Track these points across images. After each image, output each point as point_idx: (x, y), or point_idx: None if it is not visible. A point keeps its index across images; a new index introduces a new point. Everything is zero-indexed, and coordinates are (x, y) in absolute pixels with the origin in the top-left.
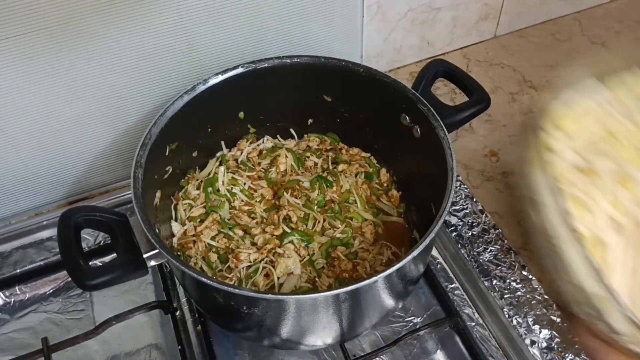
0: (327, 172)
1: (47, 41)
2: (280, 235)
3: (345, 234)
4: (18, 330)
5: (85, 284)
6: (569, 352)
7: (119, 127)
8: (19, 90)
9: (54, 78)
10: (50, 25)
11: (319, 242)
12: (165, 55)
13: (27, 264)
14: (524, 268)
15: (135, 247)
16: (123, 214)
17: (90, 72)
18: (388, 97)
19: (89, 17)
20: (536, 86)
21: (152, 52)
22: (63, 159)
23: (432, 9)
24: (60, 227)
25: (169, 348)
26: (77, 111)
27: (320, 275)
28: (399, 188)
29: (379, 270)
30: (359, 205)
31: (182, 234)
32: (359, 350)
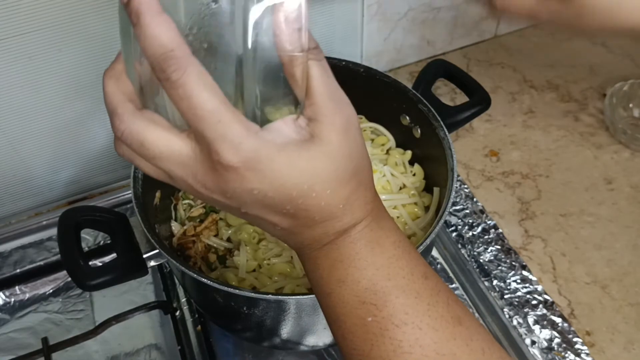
0: None
1: (47, 41)
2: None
3: None
4: (18, 330)
5: (85, 284)
6: (569, 352)
7: None
8: (19, 90)
9: (54, 78)
10: (50, 25)
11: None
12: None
13: (27, 264)
14: (524, 268)
15: (135, 247)
16: (123, 214)
17: (91, 72)
18: (388, 97)
19: (89, 17)
20: (536, 86)
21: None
22: (63, 159)
23: (433, 8)
24: (60, 227)
25: (169, 348)
26: (77, 111)
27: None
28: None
29: None
30: None
31: (181, 234)
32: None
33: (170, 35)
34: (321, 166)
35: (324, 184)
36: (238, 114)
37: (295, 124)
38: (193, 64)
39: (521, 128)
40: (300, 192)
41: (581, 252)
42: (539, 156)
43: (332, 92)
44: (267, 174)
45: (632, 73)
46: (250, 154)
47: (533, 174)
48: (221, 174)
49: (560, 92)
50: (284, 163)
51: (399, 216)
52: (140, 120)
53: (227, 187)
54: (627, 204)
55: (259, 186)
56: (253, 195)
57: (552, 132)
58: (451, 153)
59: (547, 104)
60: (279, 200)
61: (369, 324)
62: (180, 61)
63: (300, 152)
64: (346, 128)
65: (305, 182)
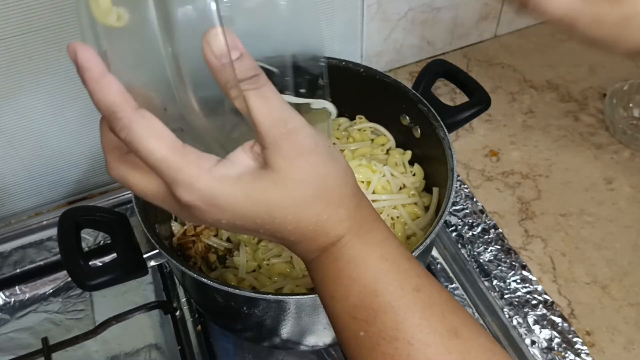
0: None
1: (47, 41)
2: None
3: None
4: (18, 330)
5: (85, 284)
6: (569, 352)
7: None
8: (19, 90)
9: (54, 78)
10: (50, 25)
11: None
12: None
13: (27, 264)
14: (524, 268)
15: (135, 247)
16: (123, 214)
17: None
18: (388, 97)
19: None
20: (536, 86)
21: None
22: (63, 158)
23: (432, 8)
24: (60, 227)
25: (169, 348)
26: (77, 111)
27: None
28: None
29: None
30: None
31: (181, 234)
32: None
33: (113, 96)
34: (275, 195)
35: (283, 211)
36: (190, 155)
37: (252, 151)
38: (137, 119)
39: (521, 128)
40: (263, 221)
41: (581, 252)
42: (539, 156)
43: (277, 118)
44: (225, 208)
45: (632, 73)
46: (205, 192)
47: (533, 174)
48: (188, 210)
49: (560, 92)
50: (239, 196)
51: (399, 216)
52: (122, 166)
53: (200, 218)
54: (627, 204)
55: (223, 216)
56: (225, 224)
57: (552, 132)
58: (451, 153)
59: (547, 104)
60: (250, 226)
61: (361, 338)
62: (123, 121)
63: (254, 183)
64: (298, 153)
65: (264, 211)
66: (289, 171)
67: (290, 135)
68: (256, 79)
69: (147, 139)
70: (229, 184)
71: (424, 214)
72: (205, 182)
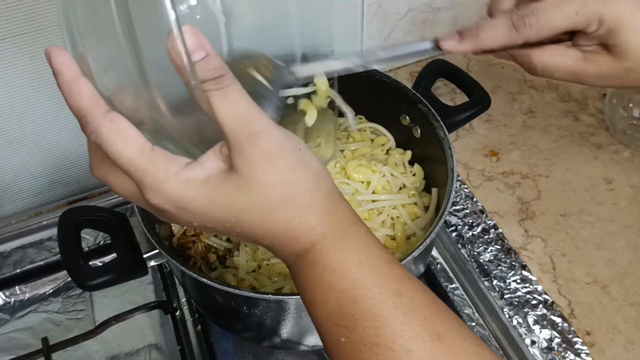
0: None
1: (48, 41)
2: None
3: None
4: (18, 330)
5: (85, 284)
6: (569, 352)
7: None
8: (19, 90)
9: (54, 78)
10: (50, 25)
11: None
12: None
13: (27, 264)
14: (524, 268)
15: (135, 247)
16: (123, 214)
17: None
18: (388, 97)
19: None
20: (536, 86)
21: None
22: (63, 159)
23: (433, 8)
24: (60, 227)
25: (169, 348)
26: None
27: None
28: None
29: None
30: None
31: (181, 234)
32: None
33: (83, 100)
34: (239, 199)
35: (249, 215)
36: (156, 158)
37: (221, 153)
38: (106, 122)
39: (521, 128)
40: (231, 224)
41: (581, 252)
42: (539, 156)
43: (241, 120)
44: (193, 211)
45: None
46: (172, 196)
47: (533, 174)
48: (159, 212)
49: (560, 92)
50: (205, 200)
51: (399, 216)
52: (104, 167)
53: (174, 220)
54: (627, 204)
55: (194, 219)
56: (197, 226)
57: (552, 132)
58: (451, 153)
59: (547, 104)
60: (221, 229)
61: (343, 344)
62: (92, 125)
63: (220, 186)
64: (262, 157)
65: (231, 215)
66: (253, 175)
67: (253, 137)
68: (221, 80)
69: (115, 141)
70: (195, 187)
71: (424, 214)
72: (171, 185)
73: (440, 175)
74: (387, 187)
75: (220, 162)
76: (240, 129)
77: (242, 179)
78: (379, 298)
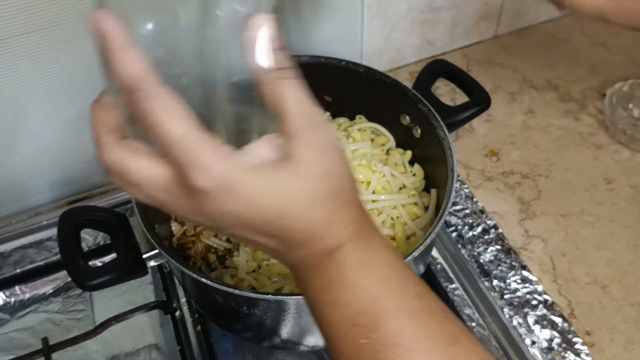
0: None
1: (48, 41)
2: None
3: None
4: (18, 330)
5: (85, 284)
6: (569, 352)
7: None
8: (19, 90)
9: (54, 78)
10: (50, 25)
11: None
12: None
13: (27, 264)
14: (525, 268)
15: (135, 247)
16: (123, 214)
17: (91, 72)
18: (388, 97)
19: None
20: (536, 86)
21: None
22: (63, 159)
23: (432, 8)
24: (60, 227)
25: (169, 348)
26: (77, 111)
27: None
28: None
29: None
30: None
31: (181, 234)
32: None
33: (136, 68)
34: (295, 186)
35: (300, 205)
36: (208, 139)
37: (270, 144)
38: (160, 94)
39: (521, 128)
40: (277, 213)
41: (581, 252)
42: (539, 156)
43: (306, 110)
44: (240, 197)
45: (632, 73)
46: (222, 178)
47: (533, 174)
48: (197, 198)
49: (560, 92)
50: (257, 185)
51: (399, 216)
52: (121, 150)
53: (205, 210)
54: (627, 204)
55: (234, 208)
56: (231, 218)
57: (552, 132)
58: (451, 153)
59: (547, 104)
60: (258, 222)
61: (361, 346)
62: (146, 92)
63: (274, 173)
64: (321, 147)
65: (280, 202)
66: (312, 163)
67: (316, 128)
68: (291, 70)
69: (168, 116)
70: (248, 172)
71: (424, 214)
72: (224, 167)
73: (440, 175)
74: (387, 187)
75: (267, 152)
76: (303, 118)
77: (300, 166)
78: (402, 299)
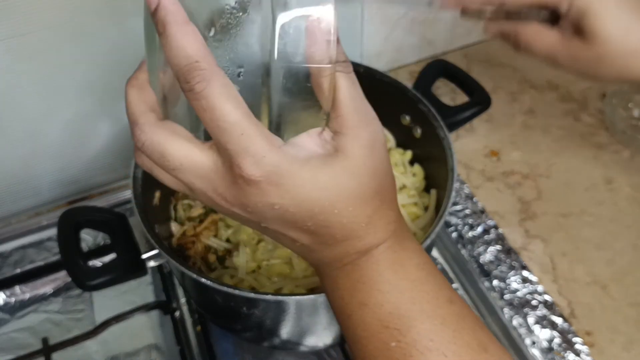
0: None
1: (48, 42)
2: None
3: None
4: (18, 330)
5: (85, 284)
6: (569, 352)
7: (119, 127)
8: (19, 91)
9: (54, 78)
10: (50, 26)
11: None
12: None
13: (27, 264)
14: (525, 268)
15: (135, 247)
16: (122, 214)
17: (91, 72)
18: (388, 97)
19: (90, 18)
20: (536, 86)
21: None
22: (63, 159)
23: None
24: (60, 227)
25: (169, 348)
26: (77, 111)
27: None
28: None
29: None
30: None
31: (181, 235)
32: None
33: (196, 46)
34: (344, 182)
35: (347, 201)
36: (262, 127)
37: (319, 138)
38: (218, 76)
39: (521, 128)
40: (322, 209)
41: (581, 252)
42: (539, 156)
43: (359, 105)
44: (288, 189)
45: None
46: (273, 169)
47: (533, 174)
48: (242, 188)
49: (561, 92)
50: (306, 178)
51: None
52: (162, 131)
53: (248, 201)
54: (627, 204)
55: (280, 201)
56: (274, 211)
57: (553, 132)
58: (451, 153)
59: (547, 104)
60: (300, 216)
61: (392, 349)
62: (204, 73)
63: (324, 167)
64: (372, 143)
65: (327, 198)
66: (363, 160)
67: (367, 124)
68: (347, 64)
69: (224, 99)
70: (298, 164)
71: (424, 214)
72: (275, 156)
73: (441, 175)
74: None
75: (316, 146)
76: (357, 114)
77: (350, 163)
78: (435, 302)
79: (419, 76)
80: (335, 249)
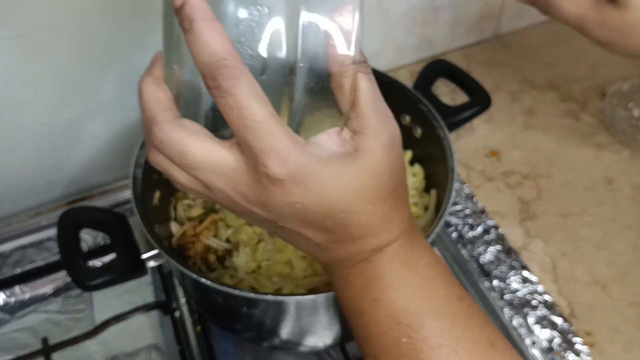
0: None
1: (47, 42)
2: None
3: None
4: (18, 330)
5: (85, 284)
6: (569, 352)
7: (119, 127)
8: (19, 91)
9: (53, 78)
10: (50, 26)
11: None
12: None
13: (27, 264)
14: (525, 268)
15: (135, 247)
16: (122, 214)
17: (91, 72)
18: (389, 97)
19: (89, 18)
20: (537, 86)
21: (153, 51)
22: (63, 159)
23: (433, 8)
24: (60, 227)
25: (169, 348)
26: (77, 111)
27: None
28: None
29: None
30: None
31: (181, 235)
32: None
33: (223, 43)
34: (366, 180)
35: (367, 199)
36: (286, 127)
37: (339, 137)
38: (245, 74)
39: (521, 128)
40: (343, 207)
41: (581, 252)
42: (540, 156)
43: (379, 105)
44: (312, 188)
45: (632, 73)
46: (298, 167)
47: (533, 174)
48: (265, 187)
49: (561, 92)
50: (329, 177)
51: None
52: (181, 129)
53: (269, 200)
54: (627, 204)
55: (302, 200)
56: (295, 209)
57: (553, 132)
58: (451, 153)
59: (547, 104)
60: (320, 215)
61: (403, 345)
62: (232, 70)
63: (346, 166)
64: (391, 143)
65: (348, 196)
66: (383, 159)
67: (386, 124)
68: (366, 65)
69: (251, 98)
70: (321, 163)
71: (424, 214)
72: (300, 155)
73: (441, 175)
74: None
75: (336, 145)
76: (376, 113)
77: (370, 162)
78: (446, 300)
79: (419, 76)
80: (350, 246)
